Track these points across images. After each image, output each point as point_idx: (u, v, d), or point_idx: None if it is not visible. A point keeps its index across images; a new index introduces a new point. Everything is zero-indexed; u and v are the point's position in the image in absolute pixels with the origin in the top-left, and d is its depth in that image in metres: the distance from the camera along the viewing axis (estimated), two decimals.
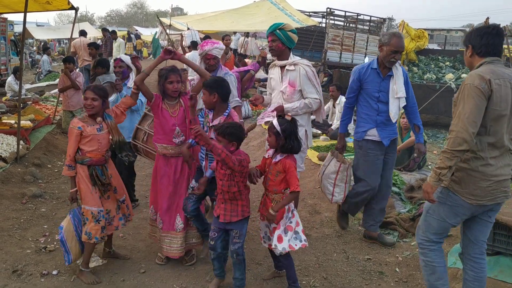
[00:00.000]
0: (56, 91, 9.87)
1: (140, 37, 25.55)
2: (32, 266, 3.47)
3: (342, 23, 13.93)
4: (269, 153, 3.19)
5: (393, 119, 3.74)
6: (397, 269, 3.62)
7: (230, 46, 11.45)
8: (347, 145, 7.26)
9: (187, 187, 3.54)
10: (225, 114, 3.31)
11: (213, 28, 15.00)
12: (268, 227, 3.15)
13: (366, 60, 13.06)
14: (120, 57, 4.84)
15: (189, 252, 3.67)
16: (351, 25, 14.23)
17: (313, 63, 4.31)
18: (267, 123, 3.61)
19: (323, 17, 14.53)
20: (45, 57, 16.02)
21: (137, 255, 3.78)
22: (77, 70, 8.11)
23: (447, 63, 11.37)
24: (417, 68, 11.12)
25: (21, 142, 6.02)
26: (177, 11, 51.68)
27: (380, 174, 3.92)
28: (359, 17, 14.47)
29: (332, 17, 13.40)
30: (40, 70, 15.92)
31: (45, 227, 4.25)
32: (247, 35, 16.20)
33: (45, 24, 36.50)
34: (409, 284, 3.43)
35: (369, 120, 3.83)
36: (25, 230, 4.18)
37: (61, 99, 7.88)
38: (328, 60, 13.16)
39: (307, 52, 13.60)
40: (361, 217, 4.61)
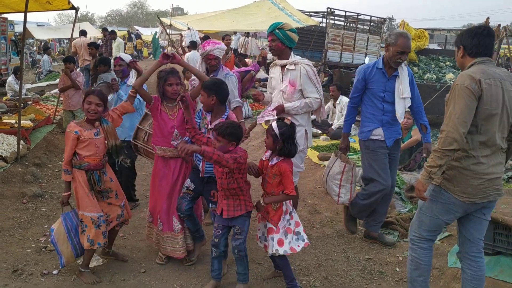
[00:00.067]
0: (56, 91, 9.90)
1: (140, 37, 25.57)
2: (32, 265, 3.47)
3: (342, 23, 13.95)
4: (266, 155, 3.20)
5: (400, 119, 3.72)
6: (398, 269, 3.62)
7: (230, 46, 11.47)
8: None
9: None
10: (223, 116, 3.30)
11: (213, 28, 15.01)
12: (265, 227, 3.15)
13: (366, 60, 13.07)
14: (120, 56, 4.83)
15: (191, 252, 3.66)
16: (351, 25, 14.24)
17: (313, 63, 4.31)
18: (267, 122, 3.62)
19: (324, 17, 14.56)
20: (46, 57, 16.05)
21: (138, 255, 3.78)
22: (78, 70, 8.12)
23: (448, 63, 11.36)
24: (417, 68, 11.11)
25: (22, 142, 6.02)
26: (178, 11, 51.71)
27: (389, 173, 3.87)
28: (359, 17, 14.49)
29: (332, 17, 13.42)
30: (40, 70, 15.95)
31: (46, 226, 4.25)
32: (247, 35, 16.21)
33: (45, 24, 36.56)
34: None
35: (374, 119, 3.81)
36: (26, 229, 4.19)
37: (61, 99, 7.88)
38: (328, 60, 13.17)
39: (307, 52, 13.62)
40: None
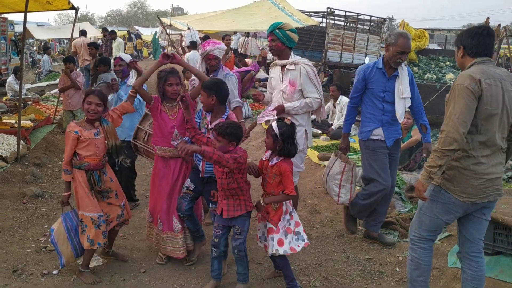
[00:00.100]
0: (56, 91, 9.90)
1: (140, 37, 25.58)
2: (32, 265, 3.47)
3: (342, 23, 13.96)
4: (266, 155, 3.20)
5: (400, 119, 3.71)
6: (398, 269, 3.62)
7: (230, 46, 11.47)
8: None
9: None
10: (223, 116, 3.30)
11: (213, 28, 15.01)
12: (265, 227, 3.15)
13: (366, 60, 13.06)
14: (120, 56, 4.82)
15: (191, 252, 3.66)
16: (351, 25, 14.25)
17: (313, 63, 4.31)
18: (267, 122, 3.62)
19: (324, 17, 14.56)
20: (46, 57, 16.06)
21: (138, 255, 3.78)
22: (78, 70, 8.12)
23: (448, 63, 11.36)
24: (417, 68, 11.11)
25: (22, 142, 6.02)
26: (178, 11, 51.72)
27: (389, 173, 3.87)
28: (359, 17, 14.49)
29: (332, 17, 13.42)
30: (40, 70, 15.96)
31: (46, 226, 4.25)
32: (247, 35, 16.22)
33: (45, 24, 36.56)
34: None
35: (374, 119, 3.80)
36: (26, 229, 4.19)
37: (61, 99, 7.88)
38: (328, 60, 13.18)
39: (307, 52, 13.62)
40: None
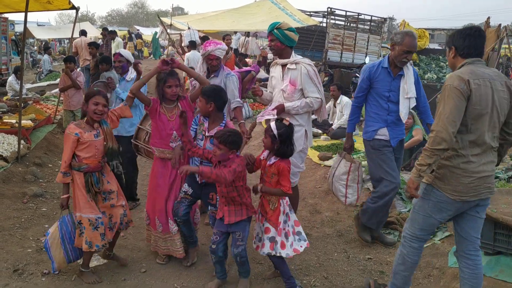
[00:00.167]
0: (57, 90, 9.90)
1: (141, 37, 25.59)
2: (33, 265, 3.47)
3: (343, 23, 13.95)
4: (264, 154, 3.21)
5: (403, 119, 3.69)
6: None
7: (230, 45, 11.46)
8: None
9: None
10: (221, 124, 3.30)
11: (213, 27, 15.01)
12: (261, 228, 3.16)
13: (367, 60, 13.07)
14: (119, 52, 4.81)
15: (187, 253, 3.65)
16: (352, 25, 14.24)
17: (314, 62, 4.31)
18: (267, 121, 3.62)
19: (324, 17, 14.56)
20: (46, 56, 16.06)
21: (138, 255, 3.78)
22: (78, 69, 8.12)
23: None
24: (418, 67, 11.11)
25: (22, 141, 6.02)
26: (178, 11, 51.70)
27: (398, 171, 3.83)
28: (360, 17, 14.48)
29: (333, 17, 13.42)
30: (41, 69, 15.96)
31: (46, 226, 4.25)
32: (248, 34, 16.22)
33: (46, 23, 36.57)
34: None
35: (379, 119, 3.77)
36: (26, 229, 4.19)
37: (62, 98, 7.89)
38: (329, 59, 13.17)
39: (308, 51, 13.61)
40: None
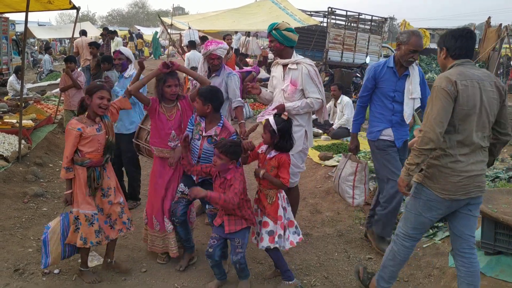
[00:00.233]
0: (57, 90, 9.91)
1: (142, 37, 25.60)
2: (33, 265, 3.47)
3: (343, 23, 13.96)
4: (262, 148, 3.22)
5: (407, 120, 3.66)
6: None
7: (231, 45, 11.46)
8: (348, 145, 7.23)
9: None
10: (219, 124, 3.30)
11: (214, 27, 15.00)
12: (260, 223, 3.19)
13: (367, 59, 13.07)
14: (119, 49, 4.82)
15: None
16: (352, 25, 14.24)
17: (314, 62, 4.30)
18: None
19: (325, 17, 14.57)
20: (47, 56, 16.08)
21: (139, 254, 3.78)
22: (79, 69, 8.12)
23: None
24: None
25: (23, 141, 6.03)
26: (178, 11, 51.74)
27: None
28: (360, 17, 14.48)
29: (333, 17, 13.42)
30: (41, 69, 15.98)
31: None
32: (248, 34, 16.22)
33: (46, 23, 36.56)
34: (410, 283, 3.43)
35: (383, 119, 3.74)
36: (27, 229, 4.20)
37: (62, 98, 7.89)
38: (329, 59, 13.17)
39: (308, 51, 13.61)
40: (362, 216, 4.62)
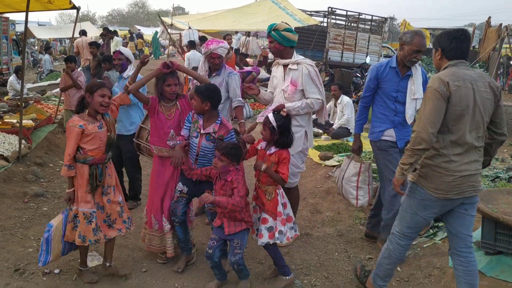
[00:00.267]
0: (57, 90, 9.91)
1: (142, 37, 25.61)
2: (34, 264, 3.47)
3: (343, 23, 13.94)
4: (262, 145, 3.22)
5: (409, 121, 3.64)
6: (399, 269, 3.61)
7: (231, 45, 11.47)
8: (349, 145, 7.25)
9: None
10: (217, 122, 3.29)
11: (214, 27, 15.01)
12: (259, 220, 3.20)
13: (367, 59, 13.06)
14: (119, 50, 4.78)
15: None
16: (352, 25, 14.23)
17: (314, 62, 4.29)
18: None
19: (325, 17, 14.55)
20: (47, 56, 16.08)
21: (139, 254, 3.79)
22: (79, 69, 8.12)
23: None
24: None
25: (23, 141, 6.03)
26: (179, 11, 51.75)
27: None
28: (360, 17, 14.46)
29: (333, 17, 13.41)
30: (41, 69, 15.98)
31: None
32: (249, 34, 16.21)
33: (46, 23, 36.51)
34: (411, 283, 3.43)
35: (386, 120, 3.71)
36: (27, 229, 4.20)
37: (62, 98, 7.89)
38: (329, 59, 13.16)
39: (308, 51, 13.60)
40: (362, 216, 4.62)
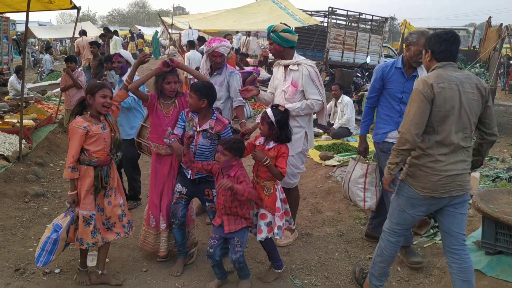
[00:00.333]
0: (58, 90, 9.92)
1: (143, 37, 25.61)
2: (34, 264, 3.44)
3: (344, 22, 13.96)
4: (260, 140, 3.21)
5: None
6: (399, 268, 3.62)
7: (232, 45, 11.47)
8: (349, 145, 7.24)
9: (173, 188, 3.48)
10: (213, 118, 3.29)
11: (215, 27, 15.02)
12: (257, 215, 3.20)
13: (368, 59, 13.05)
14: (119, 52, 4.70)
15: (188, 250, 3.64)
16: (353, 24, 14.24)
17: (315, 62, 4.29)
18: None
19: (325, 16, 14.56)
20: (47, 56, 16.09)
21: (139, 254, 3.78)
22: (80, 69, 8.13)
23: None
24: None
25: (24, 141, 6.03)
26: (179, 11, 51.80)
27: None
28: (361, 16, 14.47)
29: (334, 16, 13.41)
30: (42, 69, 15.99)
31: (48, 225, 4.25)
32: (249, 34, 16.22)
33: (47, 23, 36.54)
34: (411, 283, 3.43)
35: (390, 121, 3.67)
36: (28, 228, 4.20)
37: (63, 98, 7.90)
38: (330, 59, 13.16)
39: (309, 51, 13.61)
40: (363, 216, 4.62)
